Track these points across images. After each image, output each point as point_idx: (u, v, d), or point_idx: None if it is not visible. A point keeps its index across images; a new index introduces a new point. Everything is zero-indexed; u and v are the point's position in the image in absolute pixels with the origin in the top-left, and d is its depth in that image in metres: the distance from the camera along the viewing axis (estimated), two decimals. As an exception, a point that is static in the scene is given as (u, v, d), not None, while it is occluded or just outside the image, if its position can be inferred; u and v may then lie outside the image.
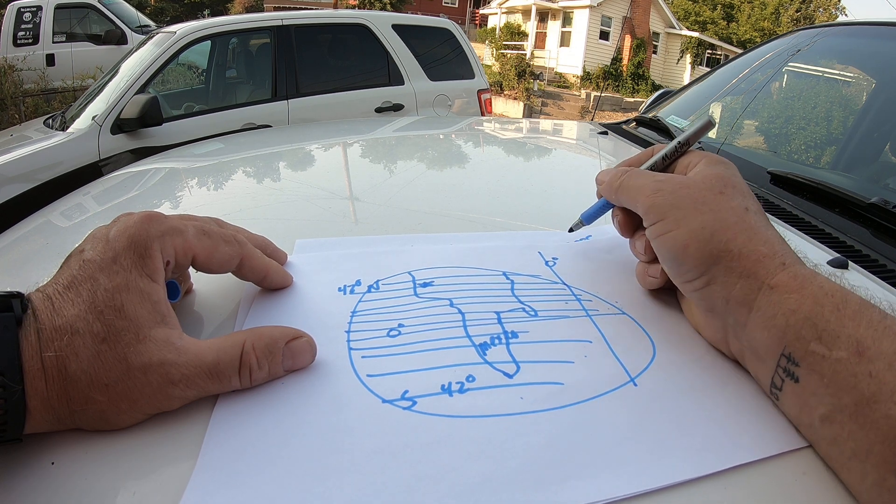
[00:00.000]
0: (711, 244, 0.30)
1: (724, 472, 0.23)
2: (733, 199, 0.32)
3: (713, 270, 0.30)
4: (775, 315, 0.26)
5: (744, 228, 0.30)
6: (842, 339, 0.24)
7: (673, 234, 0.31)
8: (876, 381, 0.22)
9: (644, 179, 0.35)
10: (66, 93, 4.74)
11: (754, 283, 0.28)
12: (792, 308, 0.26)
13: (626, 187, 0.36)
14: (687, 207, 0.31)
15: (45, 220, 0.62)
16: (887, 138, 0.82)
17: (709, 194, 0.32)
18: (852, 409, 0.23)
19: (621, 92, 13.81)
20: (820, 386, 0.24)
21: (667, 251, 0.32)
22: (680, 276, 0.32)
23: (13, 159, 2.03)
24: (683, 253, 0.30)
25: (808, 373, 0.25)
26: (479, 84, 3.27)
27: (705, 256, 0.30)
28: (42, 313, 0.24)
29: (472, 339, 0.31)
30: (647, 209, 0.33)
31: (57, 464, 0.23)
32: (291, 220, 0.52)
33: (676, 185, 0.33)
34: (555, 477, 0.23)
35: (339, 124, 1.29)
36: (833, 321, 0.25)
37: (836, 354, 0.24)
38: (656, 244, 0.33)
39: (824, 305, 0.25)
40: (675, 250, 0.31)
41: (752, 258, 0.29)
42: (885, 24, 0.83)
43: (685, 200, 0.32)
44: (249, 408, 0.26)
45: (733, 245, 0.29)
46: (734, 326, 0.29)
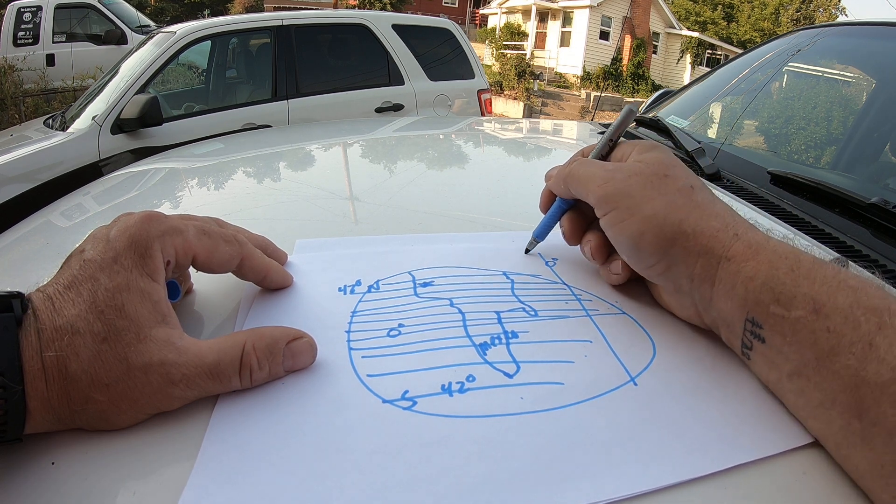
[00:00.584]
0: (666, 228, 0.31)
1: (724, 472, 0.23)
2: (678, 180, 0.33)
3: (671, 253, 0.30)
4: (735, 284, 0.28)
5: (694, 207, 0.31)
6: (798, 299, 0.25)
7: (627, 222, 0.32)
8: (834, 335, 0.24)
9: (593, 168, 0.35)
10: (66, 93, 4.74)
11: (712, 258, 0.29)
12: (749, 275, 0.27)
13: (576, 175, 0.36)
14: (637, 195, 0.32)
15: (45, 220, 0.62)
16: (887, 138, 0.82)
17: (655, 179, 0.33)
18: (815, 363, 0.24)
19: (621, 92, 13.81)
20: (783, 344, 0.26)
21: (623, 240, 0.32)
22: (640, 262, 0.32)
23: (13, 159, 2.03)
24: (640, 240, 0.31)
25: (771, 334, 0.26)
26: (479, 84, 3.27)
27: (662, 241, 0.31)
28: (42, 313, 0.24)
29: (472, 338, 0.31)
30: (599, 199, 0.34)
31: (57, 464, 0.23)
32: (291, 220, 0.52)
33: (625, 173, 0.34)
34: (555, 477, 0.23)
35: (339, 124, 1.29)
36: (788, 283, 0.26)
37: (794, 314, 0.25)
38: (612, 233, 0.33)
39: (779, 268, 0.27)
40: (632, 238, 0.32)
41: (707, 234, 0.30)
42: (885, 24, 0.83)
43: (635, 188, 0.32)
44: (249, 407, 0.26)
45: (686, 225, 0.30)
46: (701, 301, 0.30)
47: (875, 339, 0.23)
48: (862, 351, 0.23)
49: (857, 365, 0.23)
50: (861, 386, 0.22)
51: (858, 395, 0.23)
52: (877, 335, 0.23)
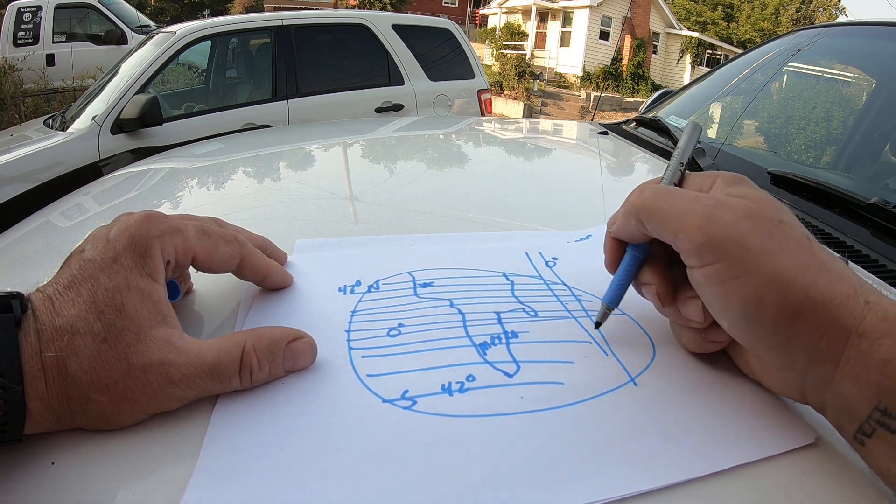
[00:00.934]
0: (791, 295, 0.24)
1: (723, 472, 0.23)
2: (794, 229, 0.26)
3: (794, 326, 0.24)
4: (868, 367, 0.23)
5: (819, 267, 0.25)
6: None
7: (742, 282, 0.25)
8: None
9: (683, 199, 0.27)
10: (66, 93, 4.74)
11: (841, 332, 0.24)
12: (886, 358, 0.23)
13: (655, 209, 0.28)
14: (757, 246, 0.25)
15: (45, 220, 0.62)
16: (887, 138, 0.82)
17: (771, 225, 0.26)
18: None
19: (621, 92, 13.81)
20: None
21: (733, 305, 0.25)
22: (749, 333, 0.26)
23: (13, 159, 2.03)
24: (757, 308, 0.25)
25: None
26: (479, 84, 3.27)
27: (785, 311, 0.24)
28: (42, 313, 0.24)
29: (472, 339, 0.31)
30: (701, 245, 0.26)
31: (57, 464, 0.23)
32: (291, 220, 0.52)
33: (735, 212, 0.26)
34: (555, 476, 0.23)
35: (339, 124, 1.29)
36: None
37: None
38: (714, 292, 0.26)
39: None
40: (746, 304, 0.25)
41: (836, 303, 0.24)
42: (885, 24, 0.83)
43: (752, 236, 0.25)
44: (249, 407, 0.26)
45: (814, 292, 0.24)
46: (815, 381, 0.25)
47: None
48: None
49: None
50: None
51: None
52: None
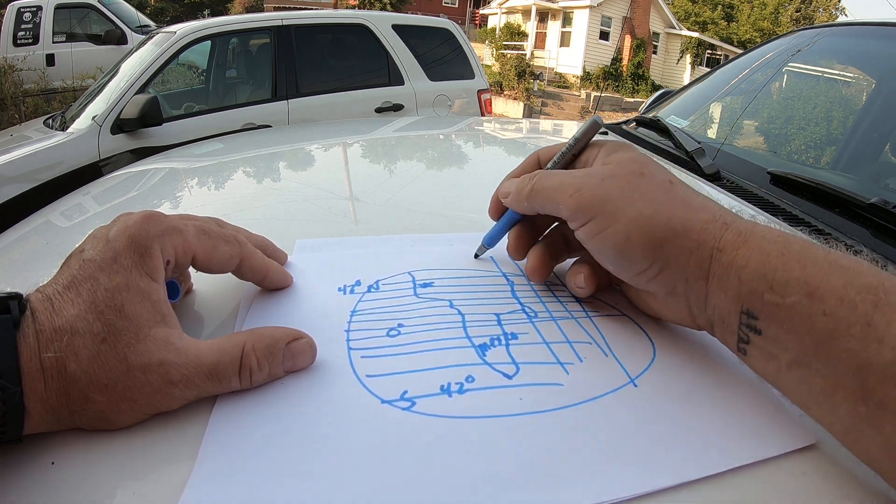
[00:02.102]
0: (654, 229, 0.29)
1: (723, 473, 0.23)
2: (655, 177, 0.31)
3: (663, 254, 0.29)
4: (728, 276, 0.27)
5: (679, 202, 0.30)
6: (791, 284, 0.24)
7: (612, 229, 0.30)
8: (831, 319, 0.23)
9: (559, 178, 0.33)
10: (66, 93, 4.74)
11: (704, 252, 0.28)
12: (741, 264, 0.26)
13: (539, 190, 0.33)
14: (617, 198, 0.30)
15: (45, 220, 0.62)
16: (887, 138, 0.82)
17: (632, 178, 0.31)
18: (814, 350, 0.23)
19: (621, 92, 13.81)
20: (780, 333, 0.25)
21: (609, 248, 0.30)
22: (630, 269, 0.30)
23: (13, 159, 2.03)
24: (627, 246, 0.29)
25: (768, 323, 0.25)
26: (479, 84, 3.26)
27: (652, 243, 0.29)
28: (41, 314, 0.24)
29: (471, 340, 0.31)
30: (574, 210, 0.31)
31: (57, 464, 0.23)
32: (291, 220, 0.52)
33: (598, 177, 0.31)
34: (554, 478, 0.23)
35: (339, 124, 1.29)
36: (780, 268, 0.25)
37: (789, 300, 0.24)
38: (593, 244, 0.31)
39: (769, 254, 0.26)
40: (618, 245, 0.30)
41: (697, 228, 0.28)
42: (885, 25, 0.83)
43: (613, 191, 0.30)
44: (248, 407, 0.26)
45: (675, 222, 0.29)
46: (696, 301, 0.29)
47: (873, 318, 0.22)
48: (861, 332, 0.22)
49: (857, 347, 0.22)
50: (863, 369, 0.22)
51: (862, 379, 0.22)
52: (874, 314, 0.22)
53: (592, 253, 0.32)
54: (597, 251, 0.31)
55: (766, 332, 0.25)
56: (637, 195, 0.30)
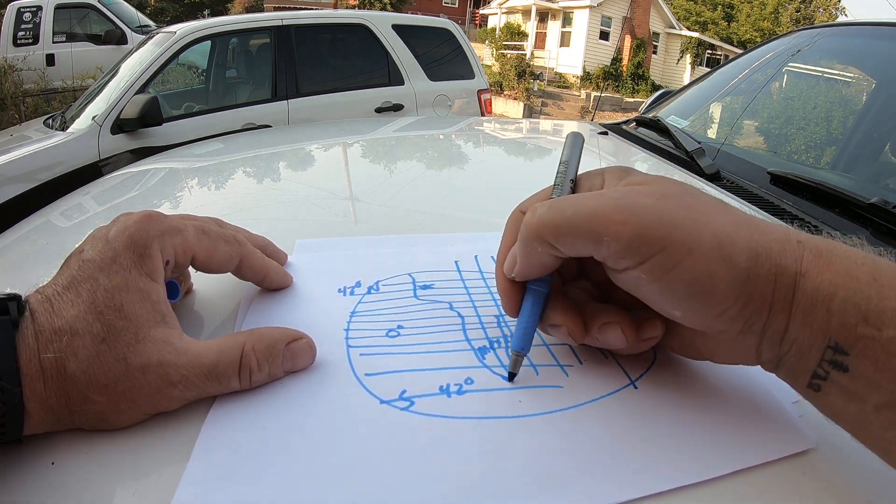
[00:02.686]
0: (737, 256, 0.23)
1: (723, 476, 0.23)
2: (706, 195, 0.26)
3: (747, 287, 0.23)
4: (815, 306, 0.22)
5: (747, 222, 0.24)
6: (888, 315, 0.21)
7: (688, 263, 0.23)
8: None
9: (591, 202, 0.25)
10: (66, 93, 4.74)
11: (788, 277, 0.23)
12: (829, 292, 0.22)
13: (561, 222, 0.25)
14: (688, 222, 0.23)
15: (45, 220, 0.62)
16: (887, 138, 0.82)
17: (688, 198, 0.25)
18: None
19: (621, 92, 13.80)
20: (874, 371, 0.21)
21: (684, 288, 0.23)
22: (708, 312, 0.24)
23: (13, 159, 2.03)
24: (711, 284, 0.23)
25: (859, 360, 0.21)
26: (479, 84, 3.26)
27: (737, 275, 0.23)
28: (41, 315, 0.24)
29: (471, 342, 0.31)
30: (634, 238, 0.23)
31: (57, 464, 0.23)
32: (291, 220, 0.52)
33: (650, 196, 0.24)
34: (553, 480, 0.23)
35: (339, 124, 1.29)
36: (874, 295, 0.21)
37: (886, 334, 0.21)
38: (660, 285, 0.24)
39: (859, 279, 0.22)
40: (700, 284, 0.23)
41: (777, 250, 0.23)
42: (885, 25, 0.83)
43: (680, 212, 0.24)
44: (246, 406, 0.26)
45: (755, 245, 0.23)
46: (772, 336, 0.24)
47: None
48: None
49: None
50: None
51: None
52: None
53: (648, 299, 0.25)
54: (662, 294, 0.24)
55: (853, 370, 0.22)
56: (708, 216, 0.24)
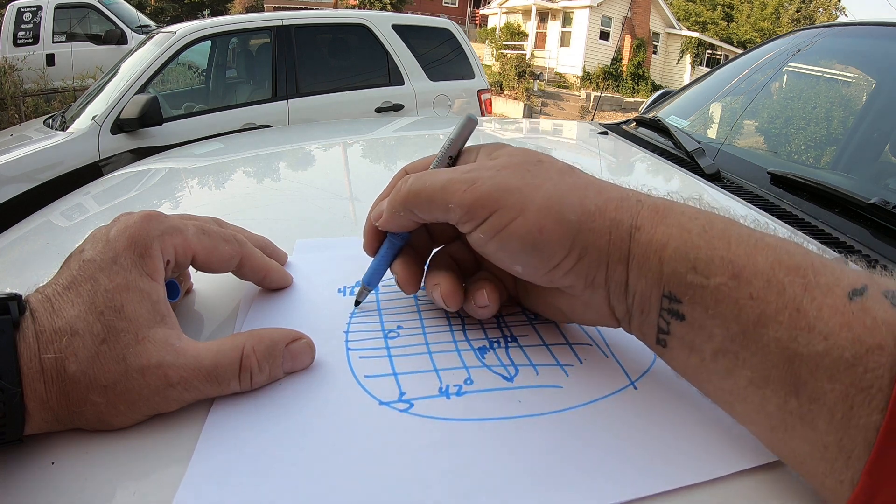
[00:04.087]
0: (567, 212, 0.25)
1: (723, 477, 0.23)
2: (554, 163, 0.28)
3: (580, 239, 0.25)
4: (648, 256, 0.24)
5: (586, 184, 0.27)
6: (716, 263, 0.22)
7: (520, 220, 0.26)
8: (758, 303, 0.21)
9: (444, 175, 0.28)
10: (66, 93, 4.74)
11: (623, 231, 0.25)
12: (662, 242, 0.24)
13: (420, 191, 0.29)
14: (521, 186, 0.26)
15: (45, 220, 0.62)
16: (887, 138, 0.82)
17: (530, 166, 0.28)
18: (741, 337, 0.22)
19: (621, 92, 13.81)
20: (705, 318, 0.23)
21: (517, 243, 0.26)
22: (543, 265, 0.26)
23: (13, 159, 2.03)
24: (540, 236, 0.26)
25: (692, 307, 0.23)
26: (479, 84, 3.26)
27: (567, 228, 0.25)
28: (41, 315, 0.24)
29: (470, 342, 0.31)
30: (472, 204, 0.27)
31: (57, 464, 0.23)
32: (291, 220, 0.52)
33: (492, 169, 0.28)
34: (553, 481, 0.22)
35: (339, 124, 1.29)
36: (703, 246, 0.23)
37: (714, 281, 0.22)
38: (496, 243, 0.27)
39: (691, 231, 0.24)
40: (530, 237, 0.26)
41: (612, 207, 0.26)
42: (885, 25, 0.83)
43: (514, 180, 0.27)
44: (246, 407, 0.26)
45: (588, 202, 0.26)
46: (616, 288, 0.26)
47: (802, 303, 0.20)
48: (790, 319, 0.20)
49: (786, 336, 0.20)
50: (794, 359, 0.20)
51: (792, 370, 0.20)
52: (803, 298, 0.20)
53: (493, 257, 0.28)
54: (501, 251, 0.27)
55: (689, 318, 0.23)
56: (541, 181, 0.27)
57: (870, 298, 0.20)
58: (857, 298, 0.20)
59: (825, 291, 0.21)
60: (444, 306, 0.31)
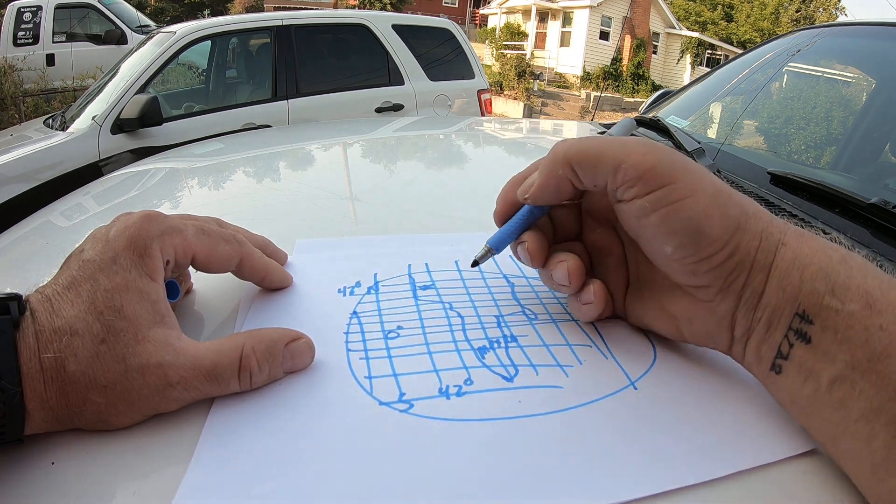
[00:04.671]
0: (732, 207, 0.26)
1: (723, 477, 0.23)
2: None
3: (735, 237, 0.25)
4: (791, 271, 0.24)
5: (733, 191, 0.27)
6: (852, 291, 0.23)
7: (691, 200, 0.25)
8: (887, 335, 0.21)
9: (619, 140, 0.28)
10: (66, 93, 4.74)
11: (772, 240, 0.25)
12: (805, 262, 0.24)
13: (589, 148, 0.28)
14: (695, 169, 0.26)
15: (45, 220, 0.62)
16: (887, 138, 0.82)
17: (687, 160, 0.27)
18: (865, 366, 0.22)
19: (621, 92, 13.80)
20: (833, 343, 0.23)
21: (681, 223, 0.26)
22: (697, 251, 0.26)
23: (13, 159, 2.03)
24: (706, 222, 0.25)
25: (822, 330, 0.23)
26: (479, 84, 3.27)
27: (731, 221, 0.25)
28: (41, 315, 0.24)
29: (470, 342, 0.31)
30: (650, 169, 0.26)
31: (57, 464, 0.23)
32: (291, 220, 0.52)
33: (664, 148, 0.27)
34: (553, 481, 0.22)
35: (339, 124, 1.29)
36: (843, 272, 0.23)
37: (848, 307, 0.23)
38: (661, 216, 0.26)
39: (832, 258, 0.24)
40: (696, 221, 0.25)
41: (765, 217, 0.26)
42: (885, 24, 0.83)
43: (689, 162, 0.27)
44: (246, 407, 0.26)
45: (748, 206, 0.26)
46: (749, 300, 0.26)
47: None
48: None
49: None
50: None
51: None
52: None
53: (645, 231, 0.27)
54: (661, 226, 0.26)
55: (815, 341, 0.23)
56: (705, 172, 0.27)
57: None
58: None
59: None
60: (561, 285, 0.31)
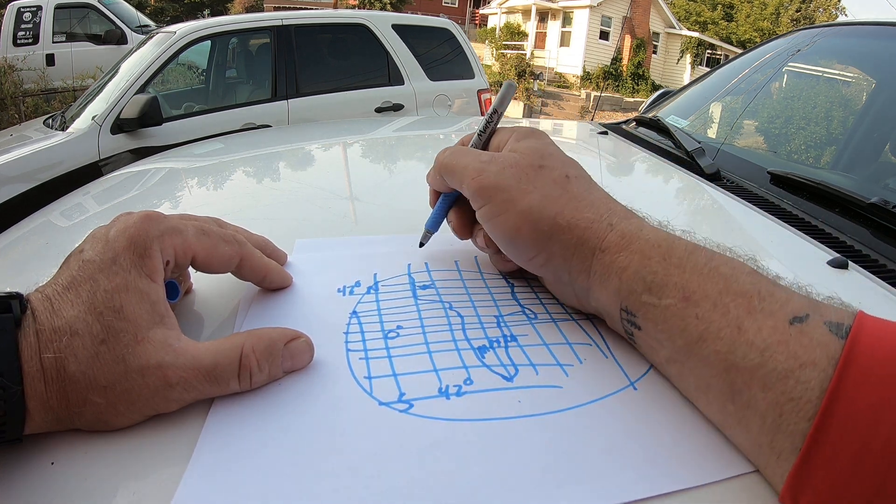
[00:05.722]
0: (541, 223, 0.30)
1: (723, 478, 0.23)
2: (553, 171, 0.33)
3: (549, 247, 0.31)
4: (609, 275, 0.29)
5: (569, 199, 0.31)
6: (668, 287, 0.26)
7: (504, 217, 0.32)
8: (703, 322, 0.24)
9: (468, 158, 0.34)
10: (66, 93, 4.74)
11: (587, 250, 0.30)
12: (622, 266, 0.28)
13: (448, 166, 0.35)
14: (512, 188, 0.32)
15: (45, 220, 0.62)
16: (887, 138, 0.82)
17: (530, 171, 0.32)
18: (686, 349, 0.25)
19: (621, 92, 13.81)
20: (656, 331, 0.27)
21: (500, 234, 0.32)
22: (519, 256, 0.33)
23: (13, 159, 2.03)
24: (517, 235, 0.31)
25: (645, 321, 0.27)
26: (479, 84, 3.26)
27: (538, 236, 0.31)
28: (41, 314, 0.24)
29: (470, 342, 0.31)
30: (474, 192, 0.33)
31: (57, 464, 0.23)
32: (291, 220, 0.52)
33: (499, 164, 0.33)
34: (552, 481, 0.22)
35: (339, 124, 1.29)
36: (660, 272, 0.27)
37: (664, 302, 0.26)
38: (488, 227, 0.33)
39: (651, 258, 0.27)
40: (509, 233, 0.32)
41: (581, 227, 0.30)
42: (885, 24, 0.83)
43: (510, 181, 0.32)
44: (245, 408, 0.26)
45: (561, 219, 0.30)
46: (580, 292, 0.31)
47: (744, 322, 0.23)
48: (730, 336, 0.23)
49: (726, 350, 0.23)
50: (731, 370, 0.23)
51: (730, 380, 0.23)
52: (745, 319, 0.23)
53: (489, 234, 0.34)
54: (491, 234, 0.34)
55: (644, 329, 0.27)
56: (531, 187, 0.32)
57: (810, 325, 0.22)
58: (797, 324, 0.22)
59: (767, 315, 0.23)
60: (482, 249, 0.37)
